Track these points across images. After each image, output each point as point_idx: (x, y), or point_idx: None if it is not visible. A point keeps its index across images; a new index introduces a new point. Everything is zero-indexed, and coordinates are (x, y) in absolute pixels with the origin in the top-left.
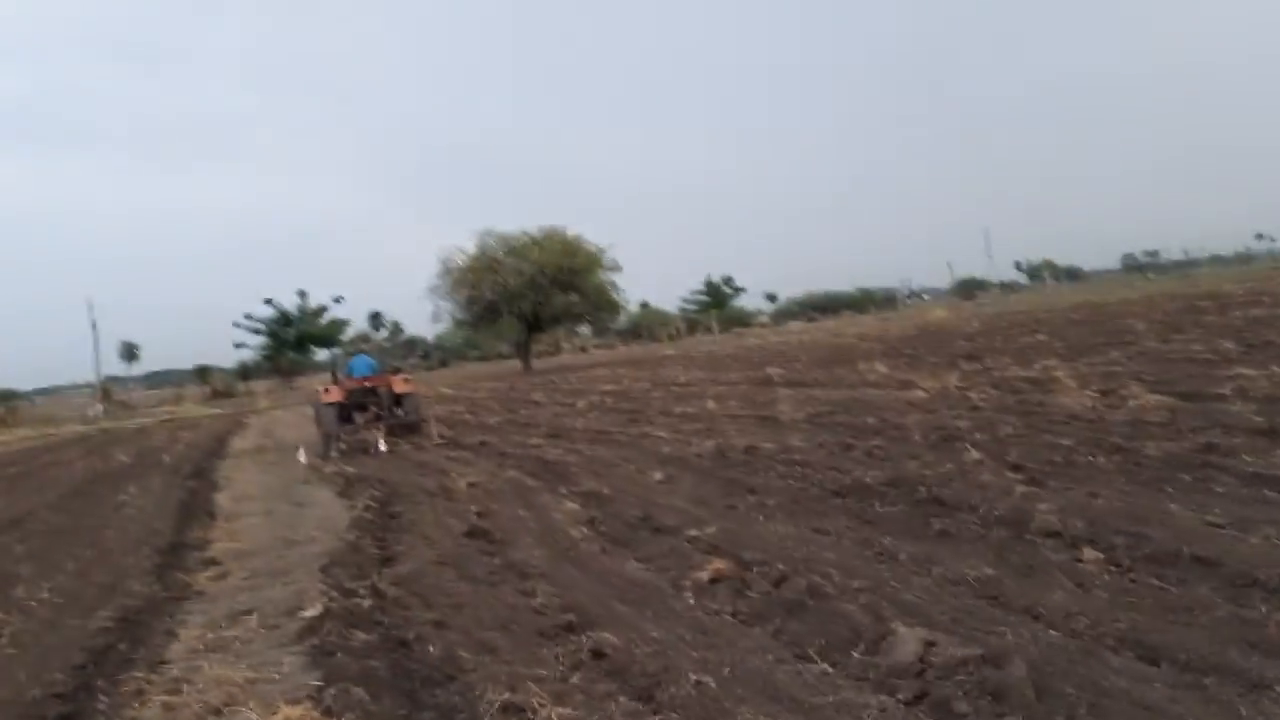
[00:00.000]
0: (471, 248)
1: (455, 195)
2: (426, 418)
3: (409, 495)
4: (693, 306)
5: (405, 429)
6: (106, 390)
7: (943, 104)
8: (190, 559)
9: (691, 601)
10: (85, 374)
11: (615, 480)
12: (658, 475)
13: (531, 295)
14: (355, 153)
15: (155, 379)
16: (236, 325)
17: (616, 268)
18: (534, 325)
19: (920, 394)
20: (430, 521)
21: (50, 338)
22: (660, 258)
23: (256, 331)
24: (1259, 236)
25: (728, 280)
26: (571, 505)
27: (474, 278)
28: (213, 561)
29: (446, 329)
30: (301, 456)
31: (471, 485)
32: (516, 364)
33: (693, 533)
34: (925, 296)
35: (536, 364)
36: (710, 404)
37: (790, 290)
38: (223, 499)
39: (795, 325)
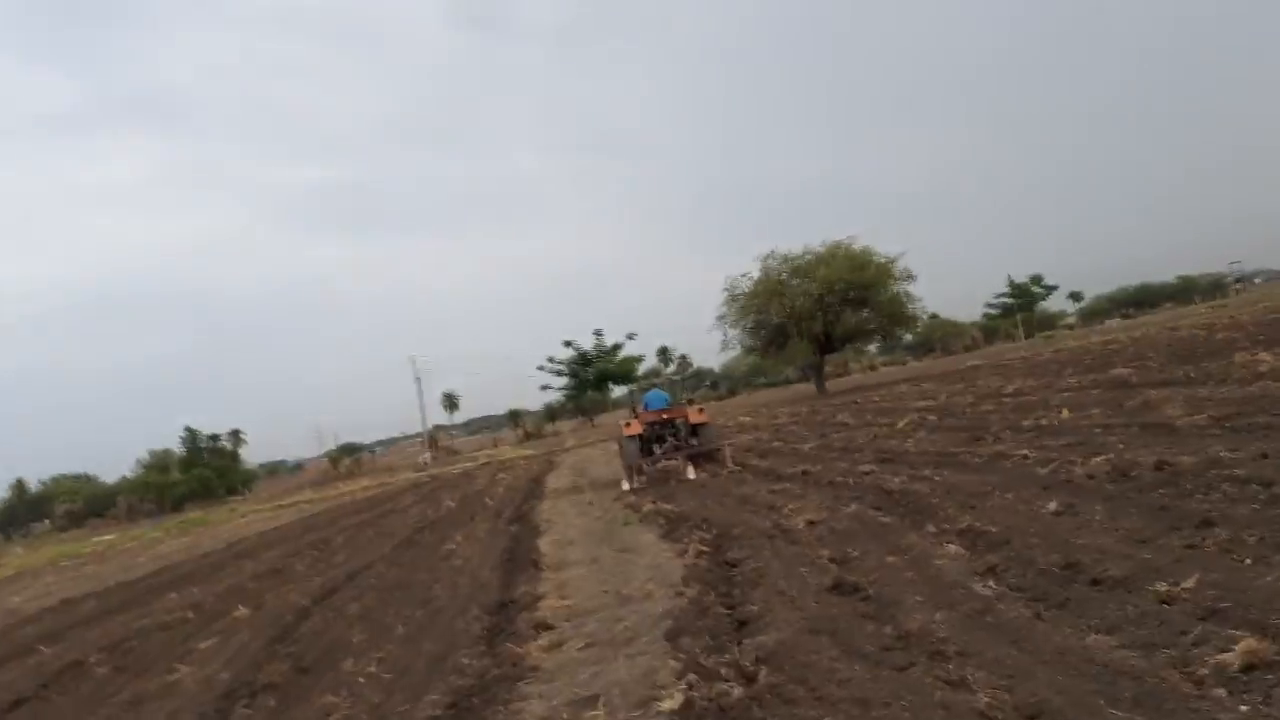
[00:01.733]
0: (756, 272)
1: (737, 224)
2: (723, 445)
3: (743, 537)
4: (996, 310)
5: (704, 457)
6: (433, 439)
7: (1253, 78)
8: (520, 621)
9: (1245, 710)
10: (415, 425)
11: (995, 513)
12: (1050, 505)
13: (821, 315)
14: (636, 197)
15: (474, 425)
16: (540, 369)
17: (909, 277)
18: (826, 346)
19: None
20: (780, 571)
21: (386, 396)
22: (947, 265)
23: (559, 373)
24: None
25: (1036, 279)
26: (953, 548)
27: (760, 302)
28: (544, 625)
29: (734, 357)
30: (625, 485)
31: (812, 523)
32: (808, 388)
33: (1161, 587)
34: (1257, 280)
35: (829, 385)
36: (1064, 413)
37: (1097, 287)
38: (545, 545)
39: (1112, 323)
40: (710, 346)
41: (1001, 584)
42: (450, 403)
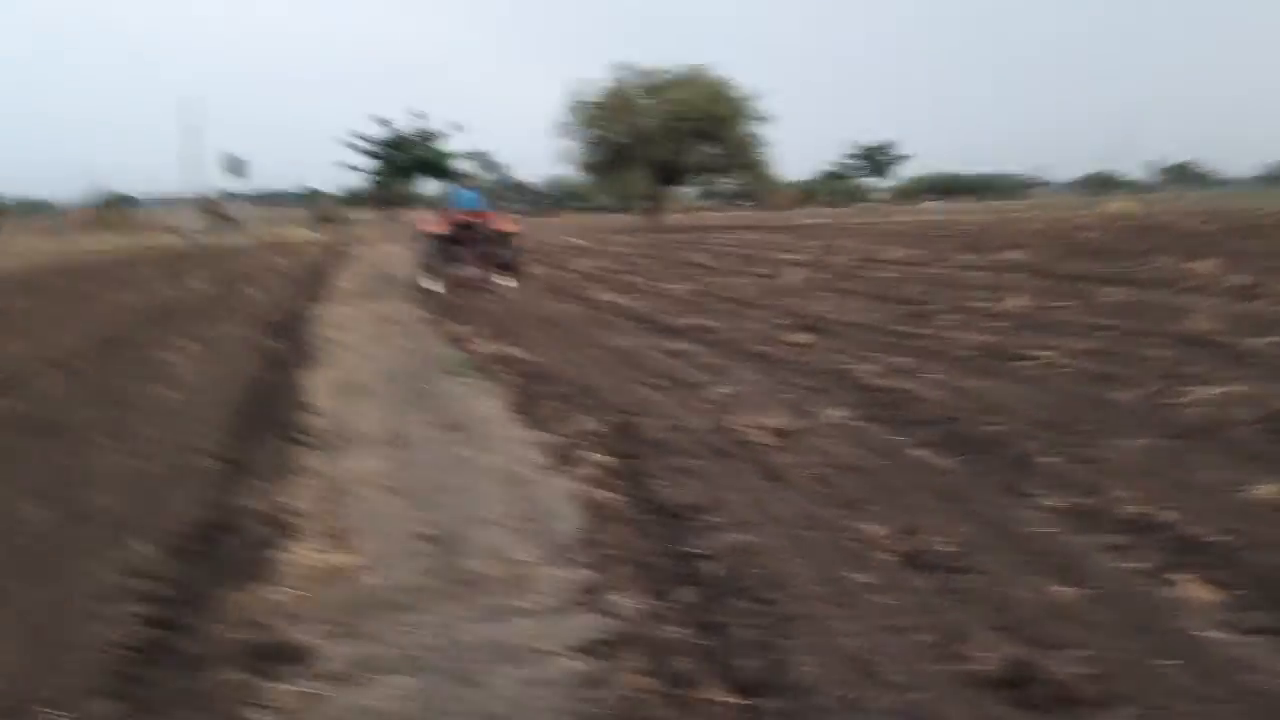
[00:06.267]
0: (606, 83)
1: (584, 35)
2: (525, 262)
3: (670, 446)
4: (841, 172)
5: (500, 267)
6: (213, 204)
7: None
8: (249, 562)
9: None
10: (200, 185)
11: (1180, 496)
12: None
13: (668, 142)
14: None
15: (262, 199)
16: (347, 145)
17: (765, 119)
18: (667, 177)
19: None
20: (812, 572)
21: (167, 147)
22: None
23: (368, 154)
24: None
25: (886, 146)
26: (1197, 590)
27: (606, 117)
28: (287, 651)
29: (566, 174)
30: (427, 284)
31: (782, 435)
32: (632, 219)
33: None
34: (1049, 187)
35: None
36: (1006, 300)
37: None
38: (320, 388)
39: (931, 204)
40: (534, 161)
41: None
42: (236, 166)
